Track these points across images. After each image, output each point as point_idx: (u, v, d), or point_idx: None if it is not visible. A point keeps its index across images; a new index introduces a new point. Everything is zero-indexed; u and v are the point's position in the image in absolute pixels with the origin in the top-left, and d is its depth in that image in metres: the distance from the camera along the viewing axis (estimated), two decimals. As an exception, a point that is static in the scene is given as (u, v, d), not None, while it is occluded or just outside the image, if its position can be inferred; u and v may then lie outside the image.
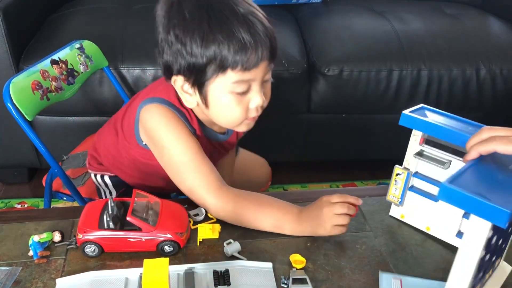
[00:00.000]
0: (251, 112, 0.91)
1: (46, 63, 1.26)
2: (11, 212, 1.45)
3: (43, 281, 0.77)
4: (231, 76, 0.85)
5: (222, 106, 0.89)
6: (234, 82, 0.86)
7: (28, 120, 1.16)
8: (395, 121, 2.14)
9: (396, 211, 0.94)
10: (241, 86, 0.87)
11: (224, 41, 0.83)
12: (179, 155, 0.91)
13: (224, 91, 0.87)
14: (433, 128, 0.84)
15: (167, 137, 0.92)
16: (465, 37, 1.98)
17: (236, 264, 0.80)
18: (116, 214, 0.83)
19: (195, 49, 0.84)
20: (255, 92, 0.89)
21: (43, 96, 1.21)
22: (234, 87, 0.87)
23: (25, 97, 1.15)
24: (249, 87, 0.88)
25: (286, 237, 0.88)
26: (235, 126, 0.94)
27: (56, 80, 1.25)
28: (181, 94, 0.92)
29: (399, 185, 0.91)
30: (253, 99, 0.89)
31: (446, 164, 0.86)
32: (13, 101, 1.12)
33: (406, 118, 0.87)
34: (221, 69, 0.85)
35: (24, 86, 1.15)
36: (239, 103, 0.89)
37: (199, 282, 0.76)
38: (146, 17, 1.94)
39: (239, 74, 0.85)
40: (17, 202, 1.88)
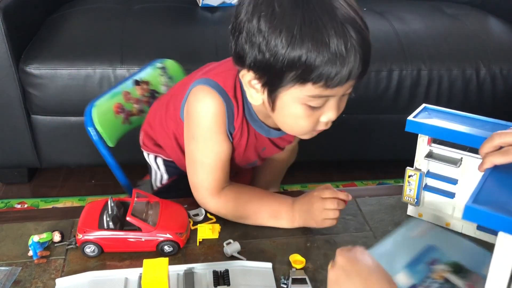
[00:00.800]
0: (319, 125, 0.82)
1: (129, 84, 1.15)
2: (11, 212, 1.45)
3: (42, 281, 0.77)
4: (310, 89, 0.74)
5: (291, 115, 0.80)
6: (311, 96, 0.75)
7: (109, 146, 1.07)
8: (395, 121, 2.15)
9: (414, 211, 0.95)
10: (318, 101, 0.76)
11: (313, 50, 0.70)
12: (202, 154, 0.90)
13: (296, 101, 0.77)
14: (440, 132, 0.84)
15: (200, 133, 0.89)
16: (465, 37, 1.98)
17: (236, 264, 0.80)
18: (116, 214, 0.83)
19: (278, 49, 0.72)
20: (330, 107, 0.78)
21: (126, 119, 1.11)
22: (309, 101, 0.76)
23: (108, 121, 1.06)
24: (326, 101, 0.78)
25: (286, 237, 0.88)
26: (298, 135, 0.89)
27: (138, 102, 1.15)
28: (247, 88, 0.82)
29: (413, 186, 0.91)
30: (326, 113, 0.79)
31: (458, 162, 0.86)
32: (95, 126, 1.04)
33: (412, 124, 0.86)
34: (301, 80, 0.73)
35: (106, 110, 1.07)
36: (310, 116, 0.79)
37: (199, 282, 0.76)
38: (146, 17, 1.94)
39: (320, 89, 0.74)
40: (17, 202, 1.88)
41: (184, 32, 1.84)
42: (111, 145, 1.07)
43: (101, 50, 1.71)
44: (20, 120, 1.73)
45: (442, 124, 0.84)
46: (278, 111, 0.81)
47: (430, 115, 0.88)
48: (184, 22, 1.93)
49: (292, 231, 0.89)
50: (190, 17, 1.99)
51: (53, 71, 1.65)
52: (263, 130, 0.93)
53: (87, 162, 1.91)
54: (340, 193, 0.87)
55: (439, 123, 0.85)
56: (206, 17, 1.99)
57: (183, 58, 1.73)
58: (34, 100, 1.69)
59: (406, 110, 1.88)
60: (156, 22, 1.90)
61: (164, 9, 2.02)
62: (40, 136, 1.78)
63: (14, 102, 1.70)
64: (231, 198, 0.90)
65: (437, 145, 0.88)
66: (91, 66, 1.66)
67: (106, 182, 2.01)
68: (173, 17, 1.97)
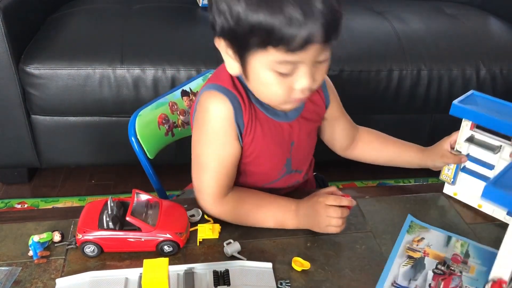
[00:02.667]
0: (295, 93, 0.80)
1: (176, 95, 1.13)
2: (11, 212, 1.45)
3: (43, 281, 0.77)
4: (273, 54, 0.74)
5: (263, 83, 0.80)
6: (277, 62, 0.75)
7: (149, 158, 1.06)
8: (395, 121, 2.15)
9: (449, 189, 0.99)
10: (285, 67, 0.76)
11: (269, 14, 0.71)
12: (207, 158, 0.89)
13: (265, 67, 0.77)
14: (482, 118, 0.87)
15: (205, 138, 0.88)
16: (465, 37, 1.98)
17: (236, 264, 0.80)
18: (116, 214, 0.83)
19: (239, 15, 0.74)
20: (302, 74, 0.77)
21: (168, 131, 1.10)
22: (276, 67, 0.76)
23: (150, 132, 1.05)
24: (295, 68, 0.77)
25: (286, 237, 0.88)
26: (277, 105, 0.86)
27: (184, 114, 1.13)
28: (225, 58, 0.83)
29: (452, 166, 0.96)
30: (299, 81, 0.78)
31: (497, 149, 0.89)
32: (137, 136, 1.03)
33: (457, 108, 0.89)
34: (262, 45, 0.74)
35: (150, 120, 1.06)
36: (281, 83, 0.78)
37: (199, 282, 0.76)
38: (146, 17, 1.95)
39: (283, 55, 0.74)
40: (17, 202, 1.88)
41: (184, 32, 1.84)
42: (150, 157, 1.06)
43: (101, 50, 1.72)
44: (20, 120, 1.73)
45: (485, 111, 0.87)
46: (252, 79, 0.82)
47: (476, 101, 0.91)
48: (184, 22, 1.93)
49: (292, 231, 0.89)
50: (190, 17, 1.99)
51: (53, 71, 1.65)
52: (277, 116, 0.91)
53: (87, 162, 1.91)
54: (344, 199, 0.86)
55: (482, 110, 0.88)
56: (206, 17, 1.98)
57: (183, 58, 1.73)
58: (34, 100, 1.69)
59: (406, 110, 1.91)
60: (156, 22, 1.90)
61: (164, 9, 2.02)
62: (40, 136, 1.78)
63: (14, 102, 1.70)
64: (233, 205, 0.89)
65: (479, 131, 0.91)
66: (91, 66, 1.67)
67: (106, 182, 2.02)
68: (173, 17, 1.97)
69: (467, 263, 0.82)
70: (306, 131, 0.97)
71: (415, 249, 0.84)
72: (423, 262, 0.82)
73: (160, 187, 1.10)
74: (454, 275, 0.79)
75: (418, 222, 0.91)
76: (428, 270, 0.80)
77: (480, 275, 0.80)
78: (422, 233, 0.89)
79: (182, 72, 1.71)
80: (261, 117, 0.90)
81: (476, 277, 0.79)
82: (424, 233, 0.88)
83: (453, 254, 0.84)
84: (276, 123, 0.91)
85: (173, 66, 1.71)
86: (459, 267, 0.81)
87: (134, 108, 1.07)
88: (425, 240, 0.87)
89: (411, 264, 0.81)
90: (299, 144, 0.96)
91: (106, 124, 1.78)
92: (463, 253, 0.84)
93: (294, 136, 0.94)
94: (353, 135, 1.08)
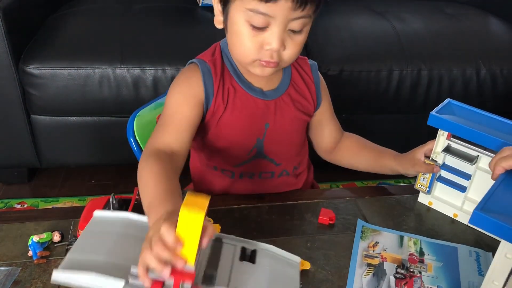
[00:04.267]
0: (264, 54, 0.83)
1: None
2: (10, 212, 1.44)
3: (42, 282, 0.77)
4: (249, 2, 0.78)
5: (236, 33, 0.83)
6: (250, 10, 0.79)
7: None
8: (395, 121, 2.15)
9: (424, 199, 0.98)
10: (257, 18, 0.79)
11: None
12: (166, 106, 0.91)
13: (241, 18, 0.81)
14: (461, 130, 0.86)
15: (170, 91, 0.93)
16: (465, 37, 1.98)
17: (266, 247, 0.77)
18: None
19: None
20: (272, 33, 0.80)
21: None
22: (250, 17, 0.79)
23: (149, 133, 1.03)
24: (268, 24, 0.80)
25: (286, 237, 0.88)
26: (246, 62, 0.86)
27: None
28: (215, 12, 0.88)
29: (427, 175, 0.95)
30: (268, 39, 0.81)
31: (474, 159, 0.88)
32: (135, 136, 1.03)
33: (434, 119, 0.88)
34: None
35: (149, 121, 1.06)
36: (252, 37, 0.81)
37: (225, 253, 0.74)
38: (146, 17, 1.94)
39: (256, 3, 0.78)
40: (17, 202, 1.88)
41: (184, 32, 1.84)
42: None
43: (101, 50, 1.72)
44: (20, 120, 1.73)
45: (463, 122, 0.87)
46: (229, 30, 0.85)
47: (453, 110, 0.91)
48: (184, 22, 1.93)
49: (293, 231, 0.89)
50: (190, 17, 1.99)
51: (53, 71, 1.65)
52: (253, 91, 0.92)
53: (87, 162, 1.91)
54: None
55: (460, 120, 0.87)
56: (206, 17, 1.99)
57: (183, 58, 1.73)
58: (34, 100, 1.69)
59: (406, 110, 1.91)
60: (156, 22, 1.90)
61: (164, 9, 2.02)
62: (40, 136, 1.78)
63: (14, 102, 1.70)
64: (149, 165, 0.82)
65: (455, 140, 0.90)
66: (91, 66, 1.67)
67: (106, 182, 2.02)
68: (173, 17, 1.97)
69: (424, 261, 0.82)
70: (287, 117, 0.96)
71: (372, 255, 0.83)
72: (383, 268, 0.81)
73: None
74: (414, 277, 0.79)
75: (369, 226, 0.90)
76: (389, 276, 0.79)
77: (438, 272, 0.80)
78: (375, 236, 0.87)
79: (182, 72, 1.71)
80: (236, 87, 0.92)
81: (435, 275, 0.80)
82: (377, 237, 0.87)
83: (409, 255, 0.83)
84: (250, 97, 0.92)
85: (173, 66, 1.71)
86: (417, 268, 0.81)
87: (134, 108, 1.07)
88: (379, 244, 0.86)
89: (372, 272, 0.80)
90: (275, 128, 0.95)
91: (106, 124, 1.78)
92: (417, 251, 0.84)
93: (270, 118, 0.94)
94: (338, 139, 1.09)
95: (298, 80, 0.98)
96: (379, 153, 1.04)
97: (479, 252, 0.85)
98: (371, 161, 1.05)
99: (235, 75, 0.92)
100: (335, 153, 1.09)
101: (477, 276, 0.79)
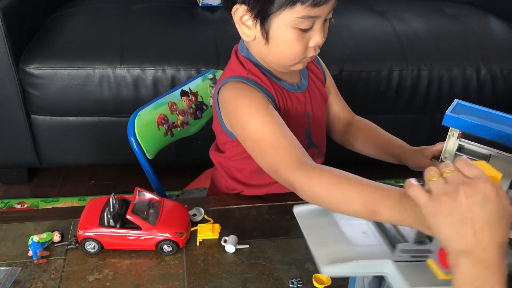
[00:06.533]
0: (309, 51, 0.87)
1: (176, 95, 1.14)
2: (11, 212, 1.45)
3: (42, 281, 0.77)
4: (299, 10, 0.81)
5: (283, 41, 0.85)
6: (300, 17, 0.82)
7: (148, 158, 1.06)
8: (395, 121, 2.15)
9: None
10: (306, 22, 0.83)
11: None
12: (258, 132, 0.85)
13: (287, 25, 0.83)
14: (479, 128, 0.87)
15: (244, 115, 0.87)
16: (465, 37, 1.98)
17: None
18: (117, 212, 0.83)
19: None
20: (317, 30, 0.85)
21: (168, 131, 1.10)
22: (298, 23, 0.83)
23: (149, 133, 1.06)
24: (313, 24, 0.84)
25: (286, 238, 0.88)
26: (293, 64, 0.89)
27: (183, 114, 1.14)
28: (238, 25, 0.88)
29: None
30: (314, 37, 0.85)
31: (487, 158, 0.88)
32: (136, 136, 1.03)
33: (450, 119, 0.88)
34: (291, 2, 0.81)
35: (149, 120, 1.07)
36: (300, 40, 0.85)
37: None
38: (146, 17, 1.94)
39: (308, 9, 0.81)
40: (17, 202, 1.88)
41: (184, 32, 1.84)
42: (149, 157, 1.06)
43: (101, 50, 1.71)
44: (20, 120, 1.73)
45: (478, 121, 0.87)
46: (272, 40, 0.86)
47: (464, 111, 0.91)
48: (184, 22, 1.93)
49: (293, 231, 0.89)
50: (190, 17, 1.99)
51: (52, 71, 1.65)
52: (293, 87, 0.95)
53: (87, 162, 1.91)
54: None
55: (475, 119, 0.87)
56: (206, 17, 1.99)
57: (183, 58, 1.73)
58: (34, 100, 1.69)
59: (406, 110, 1.91)
60: (156, 22, 1.90)
61: (164, 9, 2.02)
62: (40, 136, 1.78)
63: (14, 102, 1.70)
64: (316, 175, 0.76)
65: (466, 140, 0.90)
66: (91, 66, 1.66)
67: (106, 182, 2.02)
68: (173, 17, 1.97)
69: None
70: (318, 101, 1.01)
71: None
72: None
73: (159, 187, 1.10)
74: None
75: None
76: None
77: None
78: None
79: (182, 72, 1.71)
80: (281, 89, 0.94)
81: None
82: None
83: None
84: (293, 94, 0.95)
85: (173, 66, 1.70)
86: None
87: (134, 108, 1.07)
88: None
89: None
90: (314, 115, 1.00)
91: (106, 124, 1.78)
92: None
93: (308, 107, 0.98)
94: (347, 120, 1.11)
95: (310, 65, 1.02)
96: (388, 140, 1.05)
97: None
98: (379, 148, 1.06)
99: (275, 78, 0.93)
100: (347, 136, 1.10)
101: None
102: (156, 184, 1.10)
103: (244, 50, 0.93)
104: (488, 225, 0.54)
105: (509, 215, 0.55)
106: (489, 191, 0.54)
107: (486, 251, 0.53)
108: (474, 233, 0.53)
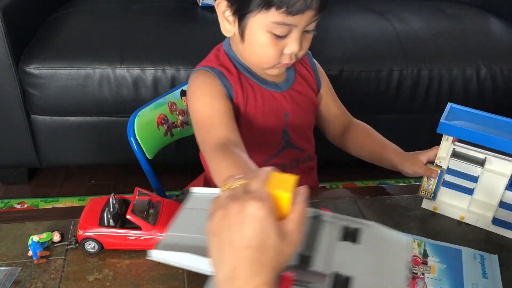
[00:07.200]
0: (284, 58, 0.88)
1: (176, 95, 1.14)
2: (10, 212, 1.44)
3: (42, 281, 0.77)
4: (274, 15, 0.82)
5: (257, 43, 0.86)
6: (275, 23, 0.82)
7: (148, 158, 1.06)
8: (395, 121, 2.15)
9: (429, 204, 0.97)
10: (281, 29, 0.83)
11: None
12: (199, 112, 0.90)
13: (262, 28, 0.84)
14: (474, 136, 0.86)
15: (193, 97, 0.92)
16: (465, 37, 1.98)
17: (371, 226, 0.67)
18: (117, 212, 0.83)
19: None
20: (293, 38, 0.85)
21: (168, 131, 1.11)
22: (273, 28, 0.83)
23: (149, 133, 1.06)
24: (289, 32, 0.84)
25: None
26: (267, 67, 0.91)
27: (183, 114, 1.14)
28: (221, 20, 0.89)
29: (432, 182, 0.94)
30: (290, 45, 0.85)
31: (482, 162, 0.88)
32: (136, 136, 1.04)
33: (446, 127, 0.88)
34: (266, 6, 0.81)
35: (149, 120, 1.07)
36: (275, 45, 0.85)
37: (324, 232, 0.65)
38: (146, 17, 1.94)
39: (282, 16, 0.81)
40: (17, 202, 1.88)
41: (184, 32, 1.84)
42: (149, 157, 1.06)
43: (101, 50, 1.72)
44: (20, 120, 1.73)
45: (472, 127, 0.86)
46: (247, 40, 0.87)
47: (458, 115, 0.90)
48: (184, 22, 1.93)
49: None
50: (190, 17, 1.99)
51: (52, 71, 1.65)
52: (268, 85, 0.95)
53: (87, 162, 1.91)
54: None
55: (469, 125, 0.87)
56: (206, 17, 1.99)
57: (183, 58, 1.73)
58: (34, 100, 1.69)
59: (406, 110, 1.91)
60: (156, 22, 1.90)
61: (164, 9, 2.02)
62: (40, 136, 1.78)
63: (14, 102, 1.70)
64: (224, 159, 0.80)
65: (461, 144, 0.89)
66: (90, 66, 1.66)
67: (106, 182, 2.02)
68: (173, 17, 1.97)
69: (427, 263, 0.82)
70: (300, 105, 1.00)
71: None
72: None
73: (159, 187, 1.10)
74: (417, 278, 0.79)
75: None
76: None
77: (441, 274, 0.80)
78: None
79: (182, 72, 1.71)
80: (253, 85, 0.94)
81: (438, 277, 0.79)
82: None
83: (413, 256, 0.83)
84: (267, 92, 0.96)
85: (173, 66, 1.71)
86: (420, 269, 0.81)
87: (134, 108, 1.07)
88: None
89: None
90: (293, 116, 0.99)
91: (106, 124, 1.78)
92: (421, 253, 0.84)
93: (288, 107, 0.98)
94: (345, 124, 1.11)
95: (300, 68, 1.02)
96: (383, 146, 1.05)
97: (484, 255, 0.84)
98: (374, 152, 1.06)
99: (248, 73, 0.94)
100: (344, 139, 1.10)
101: (481, 279, 0.79)
102: (156, 184, 1.10)
103: (227, 45, 0.95)
104: (246, 258, 0.44)
105: (277, 248, 0.44)
106: (253, 211, 0.44)
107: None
108: (232, 262, 0.44)
